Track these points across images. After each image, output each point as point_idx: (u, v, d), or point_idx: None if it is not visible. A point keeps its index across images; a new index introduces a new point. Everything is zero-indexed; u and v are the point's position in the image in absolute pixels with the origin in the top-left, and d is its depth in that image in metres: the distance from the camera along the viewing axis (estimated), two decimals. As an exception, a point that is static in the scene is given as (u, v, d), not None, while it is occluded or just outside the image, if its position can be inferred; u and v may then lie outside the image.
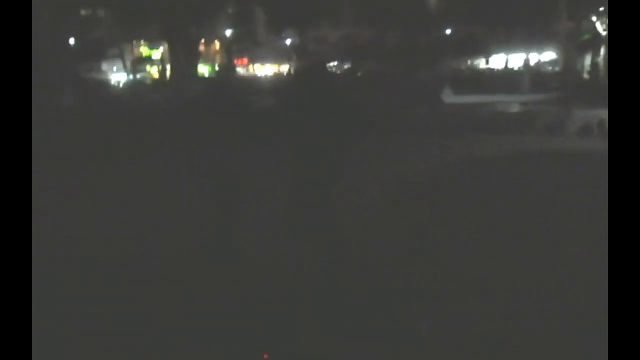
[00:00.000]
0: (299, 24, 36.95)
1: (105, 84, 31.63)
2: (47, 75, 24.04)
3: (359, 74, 28.83)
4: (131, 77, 36.65)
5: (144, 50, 41.25)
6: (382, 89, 18.11)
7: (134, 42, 38.97)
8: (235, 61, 39.62)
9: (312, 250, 3.91)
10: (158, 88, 28.74)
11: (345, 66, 36.02)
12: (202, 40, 39.00)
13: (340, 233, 3.89)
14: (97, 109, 16.41)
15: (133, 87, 31.88)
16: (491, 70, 35.62)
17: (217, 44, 42.21)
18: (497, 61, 38.48)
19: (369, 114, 4.55)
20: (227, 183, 4.00)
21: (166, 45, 35.50)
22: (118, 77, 37.40)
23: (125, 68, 36.78)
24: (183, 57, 30.98)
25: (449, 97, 16.55)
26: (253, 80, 29.16)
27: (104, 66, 38.32)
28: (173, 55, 32.20)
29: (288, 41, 40.60)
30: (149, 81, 36.27)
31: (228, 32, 40.07)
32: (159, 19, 30.86)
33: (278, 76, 34.74)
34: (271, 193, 4.38)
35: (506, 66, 36.67)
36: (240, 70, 38.92)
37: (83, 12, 31.12)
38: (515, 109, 17.67)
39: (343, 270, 3.81)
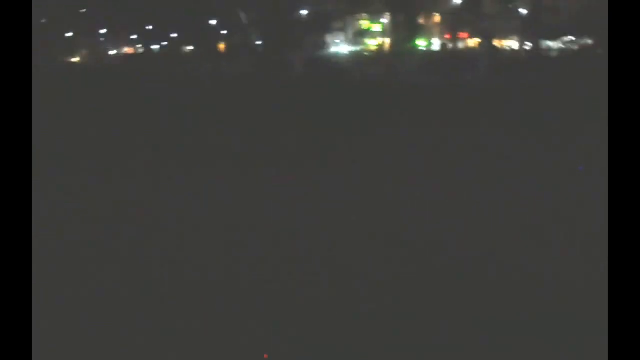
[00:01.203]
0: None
1: (328, 56, 33.25)
2: (276, 47, 26.20)
3: (599, 51, 25.29)
4: (351, 50, 37.90)
5: (365, 23, 42.20)
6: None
7: (357, 15, 40.07)
8: (457, 35, 38.01)
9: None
10: (375, 62, 29.07)
11: (583, 42, 31.80)
12: (423, 13, 38.22)
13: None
14: (320, 79, 17.26)
15: (351, 60, 32.85)
16: None
17: (438, 17, 41.02)
18: None
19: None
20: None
21: (387, 19, 35.76)
22: (339, 49, 38.99)
23: (346, 41, 38.18)
24: (403, 30, 30.83)
25: None
26: (472, 56, 27.61)
27: (328, 38, 40.28)
28: (393, 29, 32.29)
29: (515, 13, 37.38)
30: (367, 54, 37.07)
31: (451, 4, 38.50)
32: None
33: (502, 52, 32.31)
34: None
35: None
36: (461, 44, 37.26)
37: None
38: None
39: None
